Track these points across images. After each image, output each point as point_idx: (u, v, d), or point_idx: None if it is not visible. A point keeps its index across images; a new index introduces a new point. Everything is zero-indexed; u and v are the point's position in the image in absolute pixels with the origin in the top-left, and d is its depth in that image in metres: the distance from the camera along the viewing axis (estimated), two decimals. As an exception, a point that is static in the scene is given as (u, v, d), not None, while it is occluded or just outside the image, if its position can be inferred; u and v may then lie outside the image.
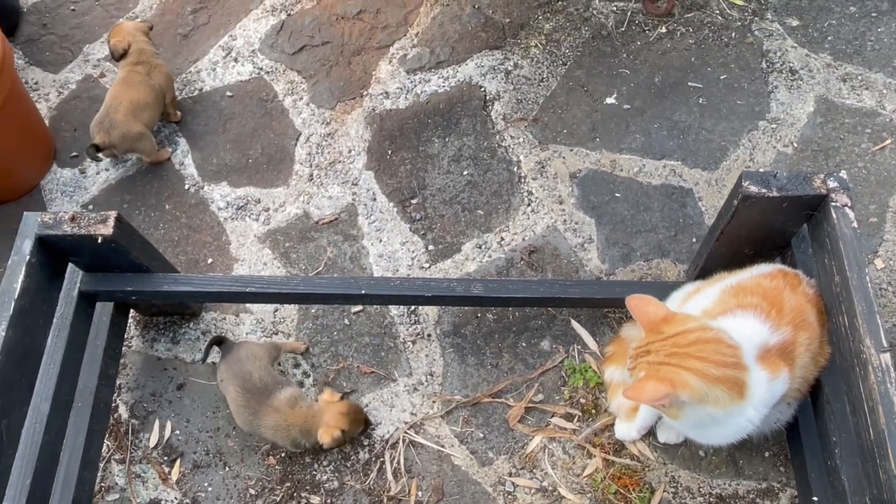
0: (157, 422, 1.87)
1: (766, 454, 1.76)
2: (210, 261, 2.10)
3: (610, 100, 2.30)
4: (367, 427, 1.81)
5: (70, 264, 1.67)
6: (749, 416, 1.33)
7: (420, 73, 2.40)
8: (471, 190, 2.17)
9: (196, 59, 2.48)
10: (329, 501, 1.76)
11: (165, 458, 1.83)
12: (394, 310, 1.99)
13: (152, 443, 1.85)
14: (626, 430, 1.76)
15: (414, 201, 2.16)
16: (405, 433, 1.83)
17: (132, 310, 1.95)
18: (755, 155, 2.17)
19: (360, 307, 1.99)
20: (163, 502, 1.78)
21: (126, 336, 1.95)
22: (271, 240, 2.13)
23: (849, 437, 1.41)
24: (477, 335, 1.95)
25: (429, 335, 1.95)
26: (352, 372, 1.92)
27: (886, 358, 1.30)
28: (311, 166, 2.25)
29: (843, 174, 1.45)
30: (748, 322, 1.39)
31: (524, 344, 1.93)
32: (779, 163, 2.15)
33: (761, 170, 1.84)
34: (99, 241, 1.52)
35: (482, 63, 2.40)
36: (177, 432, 1.86)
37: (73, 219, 1.52)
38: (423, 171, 2.21)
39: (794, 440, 1.63)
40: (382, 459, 1.80)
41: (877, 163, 2.12)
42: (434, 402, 1.87)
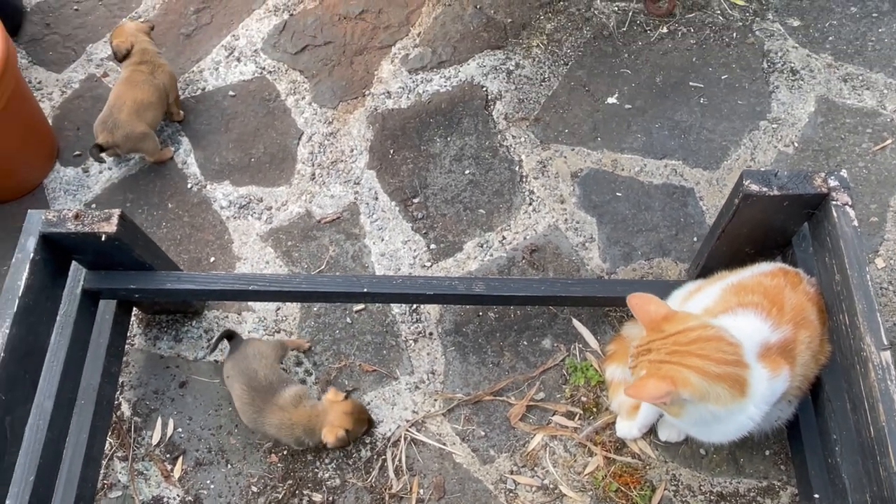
0: (160, 419, 1.87)
1: (767, 452, 1.76)
2: (212, 259, 2.11)
3: (611, 99, 2.31)
4: (371, 427, 1.82)
5: (74, 262, 1.68)
6: (750, 414, 1.33)
7: (422, 73, 2.41)
8: (472, 189, 2.18)
9: (199, 59, 2.49)
10: (331, 499, 1.76)
11: (168, 456, 1.84)
12: (395, 308, 2.00)
13: (155, 440, 1.85)
14: (628, 429, 1.76)
15: (416, 200, 2.17)
16: (407, 431, 1.83)
17: (135, 308, 1.95)
18: (756, 154, 2.17)
19: (362, 306, 2.00)
20: (165, 500, 1.79)
21: (129, 334, 1.95)
22: (273, 238, 2.13)
23: (849, 435, 1.41)
24: (478, 334, 1.95)
25: (430, 334, 1.96)
26: (354, 370, 1.92)
27: (887, 356, 1.30)
28: (314, 165, 2.25)
29: (844, 173, 1.46)
30: (749, 320, 1.39)
31: (525, 342, 1.93)
32: (780, 162, 2.15)
33: (762, 169, 1.85)
34: (102, 239, 1.52)
35: (484, 63, 2.41)
36: (179, 430, 1.87)
37: (77, 216, 1.53)
38: (425, 171, 2.22)
39: (795, 438, 1.64)
40: (384, 457, 1.81)
41: (877, 162, 2.12)
42: (436, 401, 1.87)
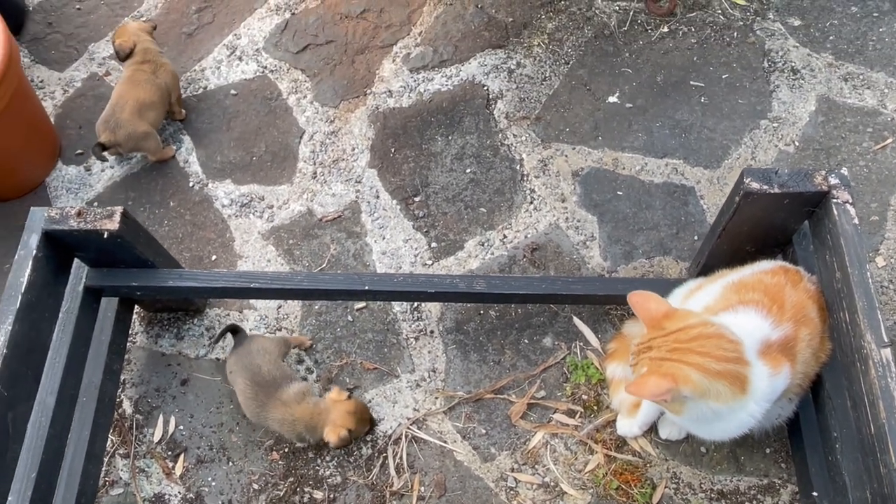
0: (162, 417, 1.88)
1: (768, 450, 1.76)
2: (214, 258, 2.11)
3: (612, 98, 2.31)
4: (373, 427, 1.82)
5: (76, 260, 1.68)
6: (751, 411, 1.33)
7: (423, 72, 2.41)
8: (473, 188, 2.18)
9: (201, 58, 2.49)
10: (332, 496, 1.77)
11: (169, 453, 1.84)
12: (397, 306, 2.00)
13: (156, 438, 1.86)
14: (628, 427, 1.77)
15: (417, 199, 2.17)
16: (408, 429, 1.84)
17: (136, 306, 1.96)
18: (757, 153, 2.18)
19: (364, 304, 2.00)
20: (167, 497, 1.79)
21: (130, 332, 1.96)
22: (275, 237, 2.14)
23: (849, 433, 1.41)
24: (479, 332, 1.96)
25: (431, 332, 1.96)
26: (355, 368, 1.93)
27: (887, 353, 1.30)
28: (315, 164, 2.26)
29: (845, 171, 1.46)
30: (750, 318, 1.40)
31: (526, 340, 1.94)
32: (780, 161, 2.16)
33: (763, 167, 1.85)
34: (105, 236, 1.53)
35: (485, 62, 2.41)
36: (181, 427, 1.87)
37: (80, 214, 1.53)
38: (426, 169, 2.22)
39: (795, 436, 1.64)
40: (385, 455, 1.81)
41: (878, 162, 2.13)
42: (436, 399, 1.88)
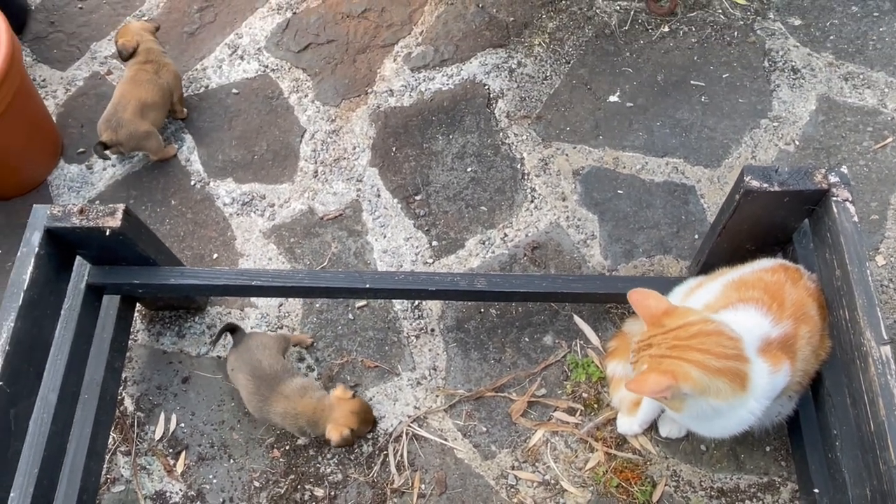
0: (163, 414, 1.88)
1: (768, 448, 1.77)
2: (215, 256, 2.12)
3: (613, 98, 2.32)
4: (374, 427, 1.82)
5: (78, 257, 1.69)
6: (751, 408, 1.34)
7: (424, 71, 2.42)
8: (474, 186, 2.19)
9: (202, 57, 2.50)
10: (333, 494, 1.77)
11: (171, 451, 1.85)
12: (398, 305, 2.01)
13: (158, 435, 1.86)
14: (629, 425, 1.77)
15: (418, 197, 2.18)
16: (408, 427, 1.84)
17: (138, 304, 1.96)
18: (757, 153, 2.18)
19: (365, 302, 2.01)
20: (168, 494, 1.80)
21: (132, 330, 1.96)
22: (276, 235, 2.14)
23: (849, 430, 1.42)
24: (480, 330, 1.96)
25: (432, 330, 1.97)
26: (356, 366, 1.93)
27: (887, 350, 1.31)
28: (316, 163, 2.26)
29: (845, 169, 1.47)
30: (750, 315, 1.40)
31: (527, 339, 1.94)
32: (781, 161, 2.16)
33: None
34: (107, 234, 1.54)
35: (486, 61, 2.42)
36: (182, 425, 1.88)
37: (82, 211, 1.54)
38: (427, 168, 2.23)
39: (795, 433, 1.64)
40: (386, 452, 1.81)
41: (878, 161, 2.13)
42: (437, 396, 1.88)
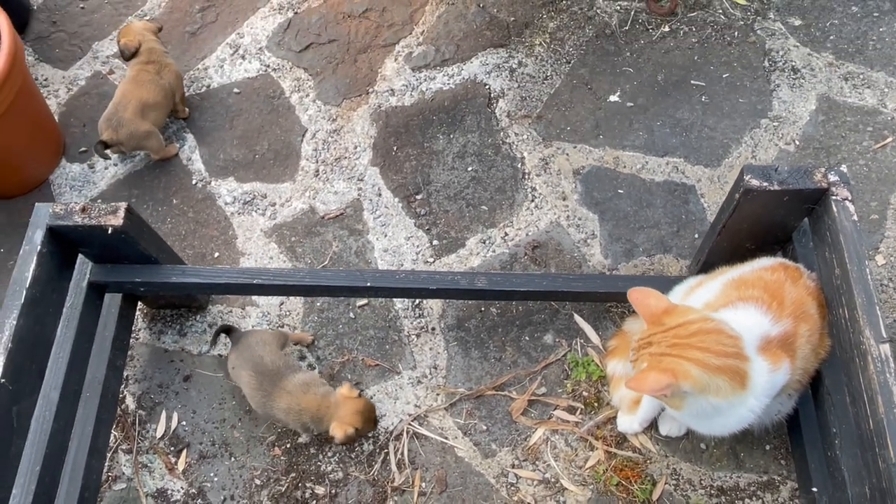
0: (164, 413, 1.89)
1: (767, 447, 1.77)
2: (217, 255, 2.13)
3: (613, 97, 2.32)
4: (376, 426, 1.83)
5: (80, 256, 1.69)
6: (750, 406, 1.34)
7: (425, 71, 2.42)
8: (475, 186, 2.19)
9: (204, 57, 2.50)
10: (333, 492, 1.78)
11: (172, 449, 1.85)
12: (398, 303, 2.01)
13: (159, 433, 1.87)
14: (629, 423, 1.77)
15: (419, 197, 2.18)
16: (409, 425, 1.84)
17: (140, 302, 1.97)
18: (757, 152, 2.19)
19: (365, 301, 2.01)
20: (169, 492, 1.80)
21: (133, 328, 1.97)
22: (277, 234, 2.15)
23: (849, 428, 1.42)
24: (480, 329, 1.97)
25: (433, 329, 1.97)
26: (356, 364, 1.94)
27: (886, 348, 1.31)
28: (317, 162, 2.27)
29: (844, 168, 1.47)
30: (749, 314, 1.40)
31: (527, 338, 1.95)
32: (781, 160, 2.16)
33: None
34: (109, 232, 1.54)
35: (487, 61, 2.42)
36: (183, 423, 1.88)
37: (84, 210, 1.54)
38: (428, 168, 2.23)
39: (795, 432, 1.65)
40: (386, 451, 1.82)
41: (878, 160, 2.13)
42: (438, 395, 1.89)
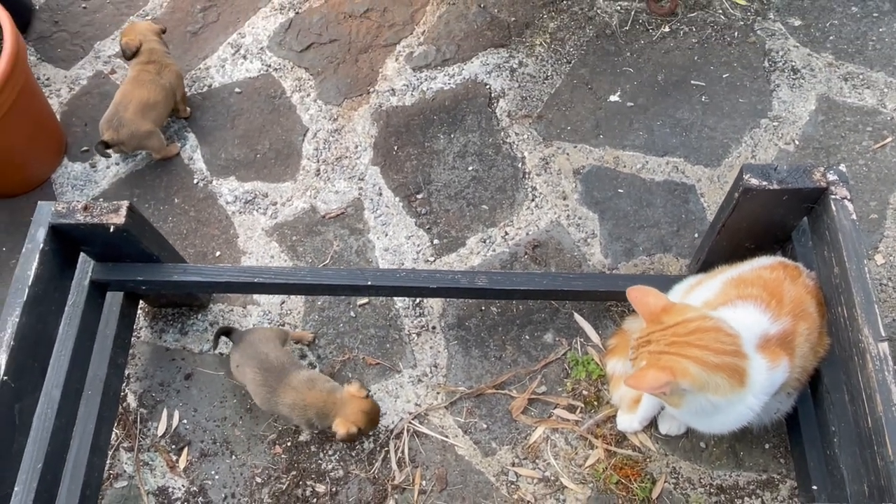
0: (165, 411, 1.90)
1: (767, 446, 1.77)
2: (218, 254, 2.13)
3: (613, 97, 2.33)
4: (376, 427, 1.83)
5: (82, 254, 1.70)
6: (749, 404, 1.35)
7: (426, 71, 2.43)
8: (475, 185, 2.20)
9: (205, 56, 2.51)
10: (334, 490, 1.78)
11: (173, 447, 1.86)
12: (399, 302, 2.02)
13: (160, 431, 1.87)
14: (628, 422, 1.78)
15: (419, 196, 2.19)
16: (409, 423, 1.85)
17: (141, 301, 1.98)
18: (757, 152, 2.19)
19: (366, 299, 2.02)
20: (170, 490, 1.81)
21: (135, 327, 1.97)
22: (278, 233, 2.16)
23: (847, 427, 1.43)
24: (481, 328, 1.97)
25: (433, 327, 1.98)
26: (357, 363, 1.94)
27: (884, 347, 1.32)
28: (318, 161, 2.28)
29: (843, 167, 1.48)
30: (748, 312, 1.41)
31: (527, 336, 1.95)
32: (780, 160, 2.17)
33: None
34: (111, 231, 1.55)
35: (487, 61, 2.43)
36: (184, 421, 1.89)
37: (86, 208, 1.55)
38: (429, 167, 2.24)
39: (794, 430, 1.65)
40: (387, 449, 1.82)
41: (877, 160, 2.14)
42: (438, 394, 1.89)
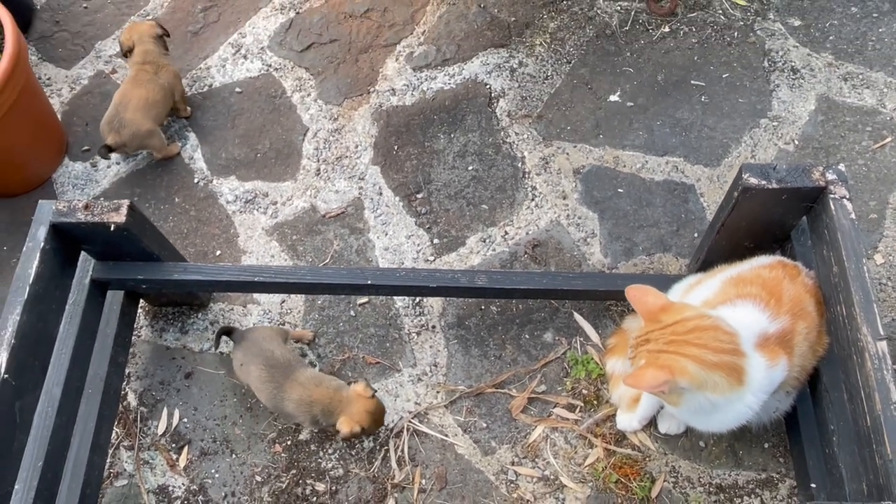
0: (166, 410, 1.90)
1: (766, 445, 1.78)
2: (218, 253, 2.14)
3: (613, 97, 2.33)
4: (380, 427, 1.83)
5: (82, 253, 1.71)
6: (748, 403, 1.35)
7: (426, 71, 2.43)
8: (475, 185, 2.20)
9: (206, 56, 2.52)
10: (334, 489, 1.79)
11: (173, 446, 1.86)
12: (399, 301, 2.02)
13: (160, 430, 1.88)
14: (628, 421, 1.78)
15: (419, 196, 2.19)
16: (409, 422, 1.85)
17: (142, 300, 1.98)
18: (756, 152, 2.19)
19: (366, 299, 2.02)
20: (170, 488, 1.81)
21: (135, 325, 1.98)
22: (279, 233, 2.16)
23: (846, 426, 1.43)
24: (481, 327, 1.97)
25: (433, 327, 1.98)
26: (357, 362, 1.94)
27: (883, 346, 1.32)
28: (319, 161, 2.28)
29: (842, 167, 1.48)
30: (747, 311, 1.41)
31: (527, 336, 1.95)
32: (780, 160, 2.17)
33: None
34: (111, 229, 1.55)
35: (487, 61, 2.44)
36: (184, 420, 1.89)
37: (87, 207, 1.56)
38: (429, 167, 2.24)
39: (793, 429, 1.65)
40: (387, 448, 1.83)
41: (877, 160, 2.14)
42: (438, 393, 1.89)
